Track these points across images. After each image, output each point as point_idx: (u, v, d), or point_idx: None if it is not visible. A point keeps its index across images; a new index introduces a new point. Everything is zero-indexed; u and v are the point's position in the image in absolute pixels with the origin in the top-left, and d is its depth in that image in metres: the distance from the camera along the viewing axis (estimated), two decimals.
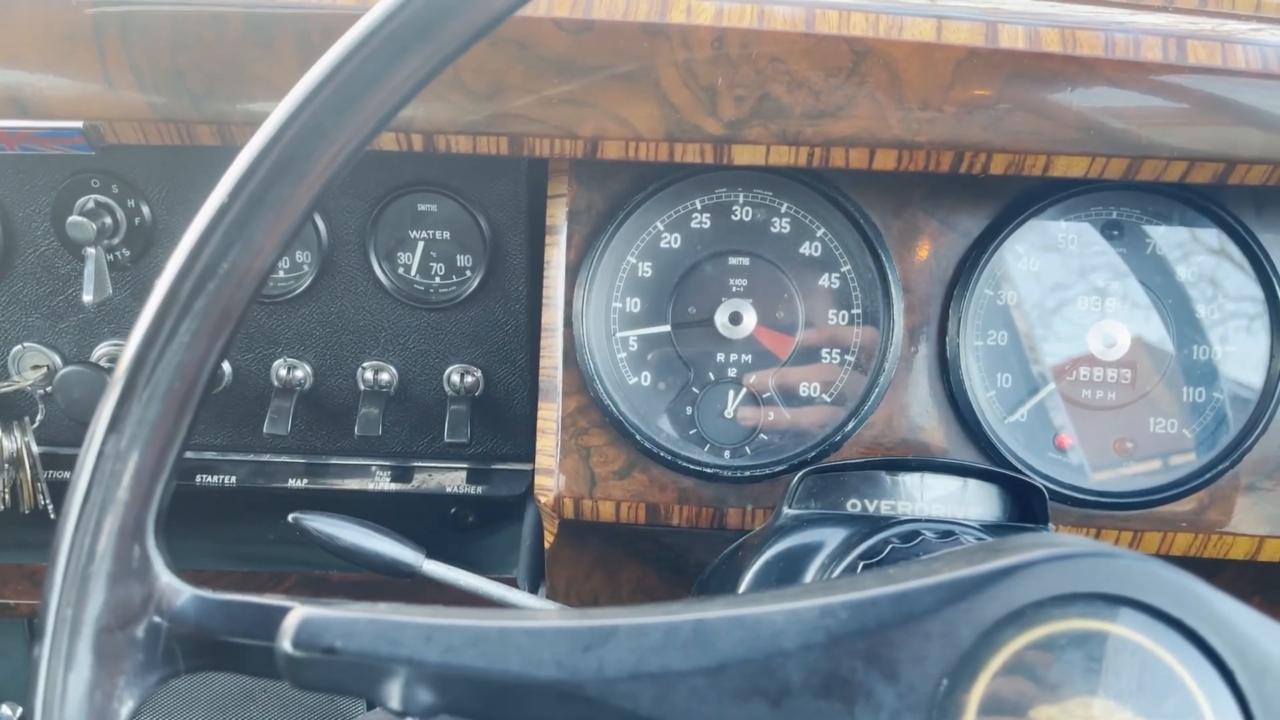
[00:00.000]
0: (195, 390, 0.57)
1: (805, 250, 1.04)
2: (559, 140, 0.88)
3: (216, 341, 0.57)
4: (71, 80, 0.88)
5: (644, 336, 1.05)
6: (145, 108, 0.88)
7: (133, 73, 0.87)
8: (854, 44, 0.84)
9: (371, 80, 0.57)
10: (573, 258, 1.04)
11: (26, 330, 1.14)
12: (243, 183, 0.57)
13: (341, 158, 0.58)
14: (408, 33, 0.57)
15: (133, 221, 1.12)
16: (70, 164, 1.09)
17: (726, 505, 1.03)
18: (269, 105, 0.88)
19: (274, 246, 0.58)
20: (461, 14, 0.57)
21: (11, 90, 0.88)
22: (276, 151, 0.57)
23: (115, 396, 0.55)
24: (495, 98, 0.87)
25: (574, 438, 1.04)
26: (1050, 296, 1.03)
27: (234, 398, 1.19)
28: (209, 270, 0.56)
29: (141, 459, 0.55)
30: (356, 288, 1.14)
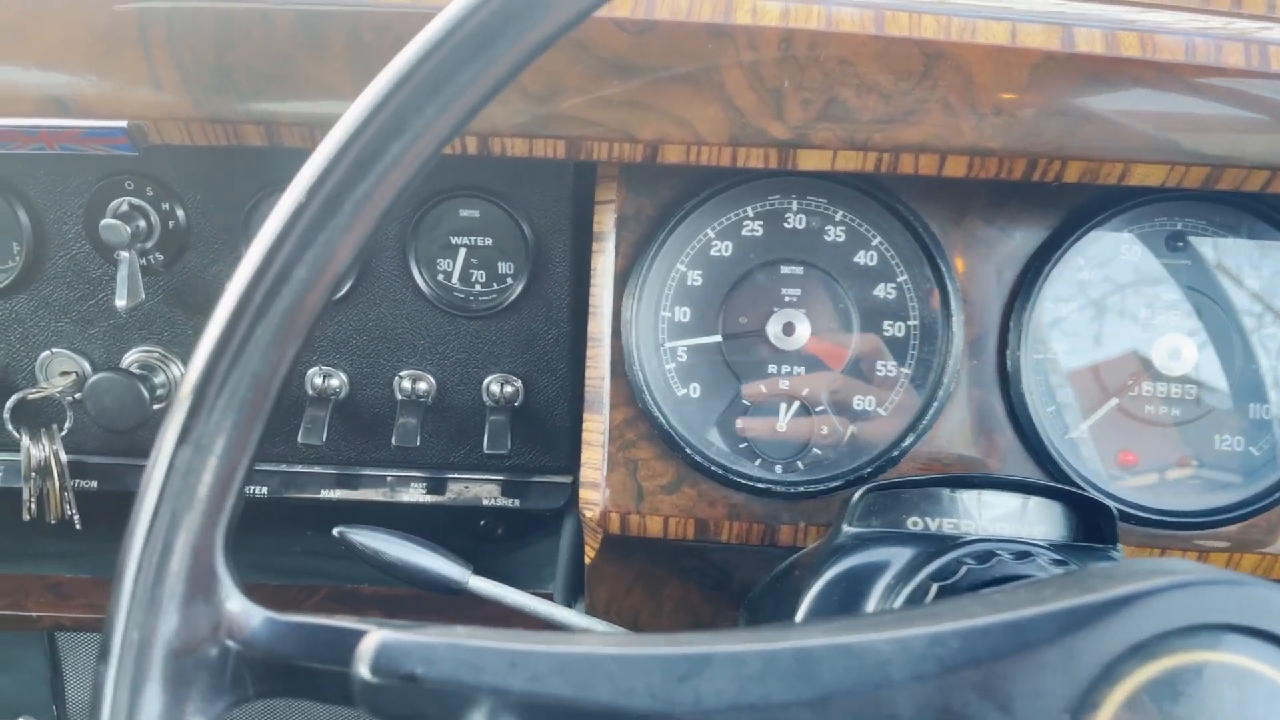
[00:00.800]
0: (267, 400, 0.54)
1: (860, 259, 1.01)
2: (618, 144, 0.85)
3: (290, 349, 0.54)
4: (115, 78, 0.85)
5: (693, 347, 1.02)
6: (191, 107, 0.85)
7: (178, 71, 0.85)
8: (925, 47, 0.82)
9: (454, 76, 0.54)
10: (621, 265, 1.01)
11: (55, 335, 1.10)
12: (319, 183, 0.54)
13: (421, 159, 0.55)
14: (492, 27, 0.54)
15: (167, 225, 1.09)
16: (104, 165, 1.06)
17: (779, 522, 1.00)
18: (319, 105, 0.85)
19: (350, 250, 0.55)
20: (550, 6, 0.54)
21: (53, 89, 0.85)
22: (355, 150, 0.54)
23: (186, 406, 0.52)
24: (553, 99, 0.84)
25: (621, 450, 1.01)
26: (1112, 309, 1.01)
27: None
28: (284, 275, 0.53)
29: (212, 473, 0.52)
30: (395, 295, 1.11)
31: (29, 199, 1.04)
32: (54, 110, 0.86)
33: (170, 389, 1.13)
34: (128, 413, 1.08)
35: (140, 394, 1.08)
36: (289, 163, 1.08)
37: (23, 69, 0.85)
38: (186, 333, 1.12)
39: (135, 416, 1.08)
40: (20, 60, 0.85)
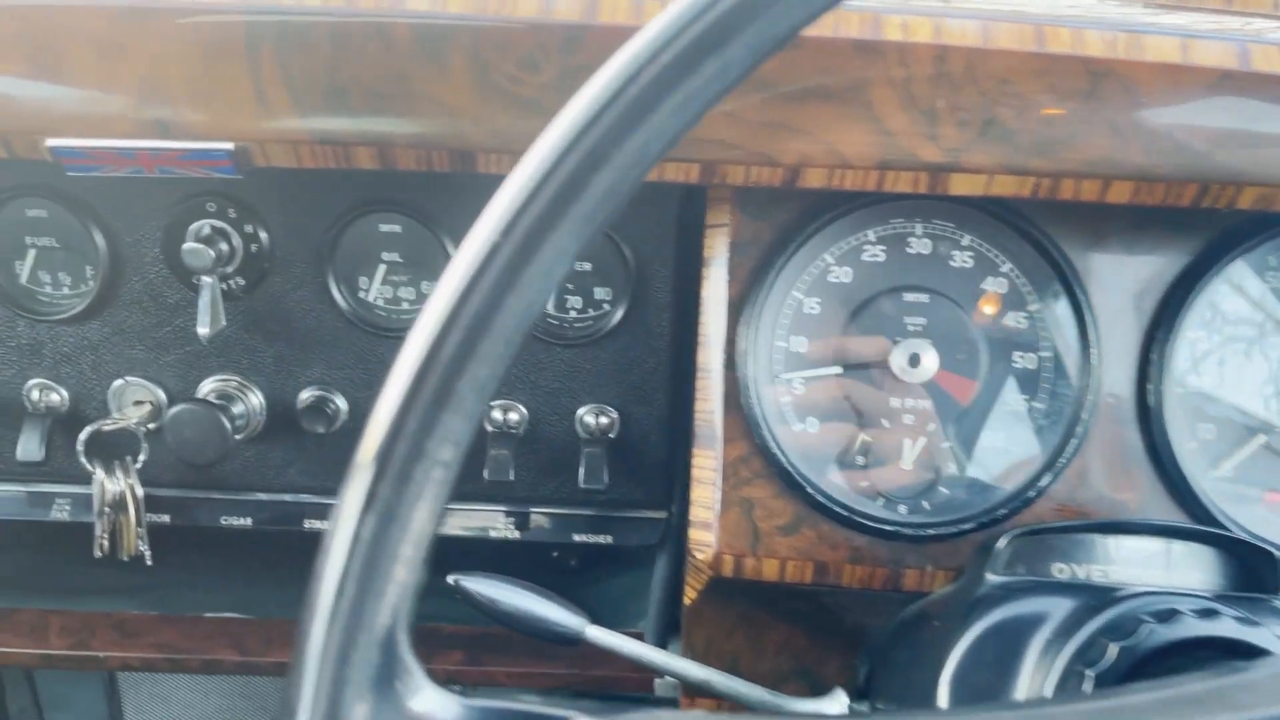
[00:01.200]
0: (458, 459, 0.49)
1: (989, 286, 0.96)
2: (756, 168, 0.80)
3: (481, 402, 0.49)
4: (220, 97, 0.79)
5: (811, 379, 0.97)
6: (301, 128, 0.80)
7: (288, 89, 0.79)
8: (1090, 65, 0.76)
9: (659, 100, 0.49)
10: (735, 292, 0.96)
11: (129, 363, 1.05)
12: (515, 220, 0.48)
13: (623, 190, 0.50)
14: (702, 45, 0.49)
15: (249, 248, 1.04)
16: (185, 185, 1.01)
17: (904, 566, 0.94)
18: (437, 125, 0.80)
19: (546, 292, 0.49)
20: (768, 16, 0.49)
21: (153, 108, 0.80)
22: (554, 184, 0.48)
23: (371, 469, 0.46)
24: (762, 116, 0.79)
25: (735, 489, 0.96)
26: (1257, 340, 0.95)
27: (350, 439, 1.10)
28: (480, 322, 0.48)
29: (400, 543, 0.46)
30: None
31: (105, 221, 1.00)
32: (153, 131, 0.80)
33: (250, 419, 1.08)
34: (210, 445, 1.02)
35: (223, 426, 1.02)
36: (380, 183, 1.04)
37: (121, 87, 0.80)
38: (266, 360, 1.07)
39: (218, 449, 1.02)
40: (119, 78, 0.80)
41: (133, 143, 0.81)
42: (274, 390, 1.05)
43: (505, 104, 0.80)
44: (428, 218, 1.02)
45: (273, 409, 1.05)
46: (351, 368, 1.07)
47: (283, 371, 1.04)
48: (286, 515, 1.13)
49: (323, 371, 1.05)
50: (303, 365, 1.04)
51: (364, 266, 1.01)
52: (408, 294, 1.06)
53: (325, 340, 1.03)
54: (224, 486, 1.12)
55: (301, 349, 1.04)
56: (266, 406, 1.06)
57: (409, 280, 1.05)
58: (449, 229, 1.01)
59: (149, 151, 0.80)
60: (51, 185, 1.01)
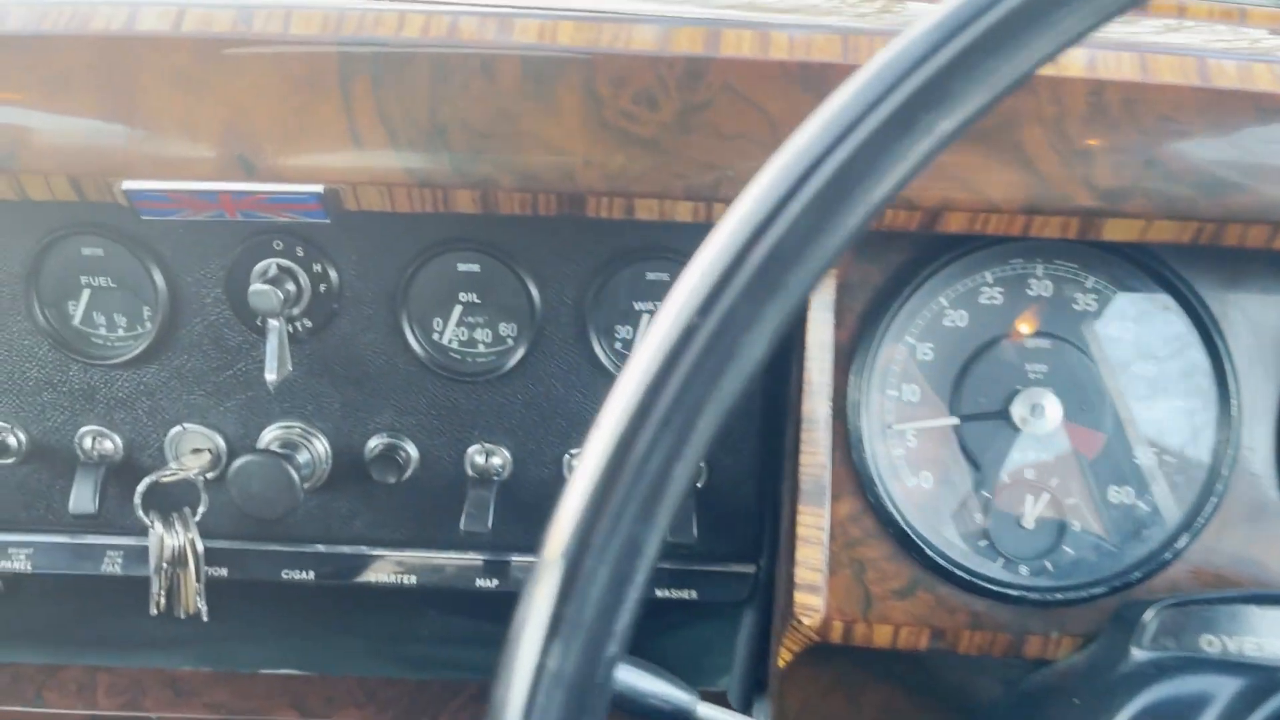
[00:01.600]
0: (642, 576, 0.42)
1: (1116, 332, 0.89)
2: (891, 211, 0.73)
3: (671, 505, 0.43)
4: (310, 136, 0.73)
5: (925, 431, 0.90)
6: (398, 170, 0.74)
7: (384, 128, 0.73)
8: (1260, 101, 0.70)
9: (882, 153, 0.43)
10: (844, 338, 0.90)
11: (187, 409, 0.99)
12: (713, 296, 0.42)
13: (834, 251, 0.44)
14: (935, 91, 0.43)
15: (317, 289, 0.97)
16: (253, 224, 0.95)
17: (1028, 632, 0.88)
18: (543, 166, 0.74)
19: (747, 378, 0.43)
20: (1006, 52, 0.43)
21: (237, 147, 0.74)
22: (762, 251, 0.42)
23: (556, 587, 0.40)
24: None
25: (845, 549, 0.89)
26: None
27: (420, 488, 1.04)
28: (669, 420, 0.41)
29: (585, 675, 0.40)
30: (568, 366, 0.99)
31: (166, 260, 0.94)
32: (237, 172, 0.74)
33: (315, 468, 1.02)
34: (279, 500, 0.96)
35: (291, 479, 0.96)
36: (459, 219, 0.97)
37: (202, 125, 0.74)
38: (333, 406, 1.01)
39: (286, 503, 0.96)
40: (199, 114, 0.74)
41: (214, 185, 0.75)
42: (341, 437, 0.99)
43: (620, 143, 0.74)
44: (510, 257, 0.96)
45: (339, 457, 0.99)
46: (424, 414, 1.00)
47: (350, 418, 0.98)
48: (351, 569, 1.07)
49: (393, 418, 0.99)
50: (372, 411, 0.98)
51: (438, 307, 0.95)
52: (484, 336, 1.00)
53: (396, 385, 0.97)
54: (285, 538, 1.06)
55: (371, 394, 0.98)
56: (332, 454, 1.00)
57: (485, 322, 0.99)
58: (532, 269, 0.95)
59: (232, 195, 0.74)
60: (109, 223, 0.95)
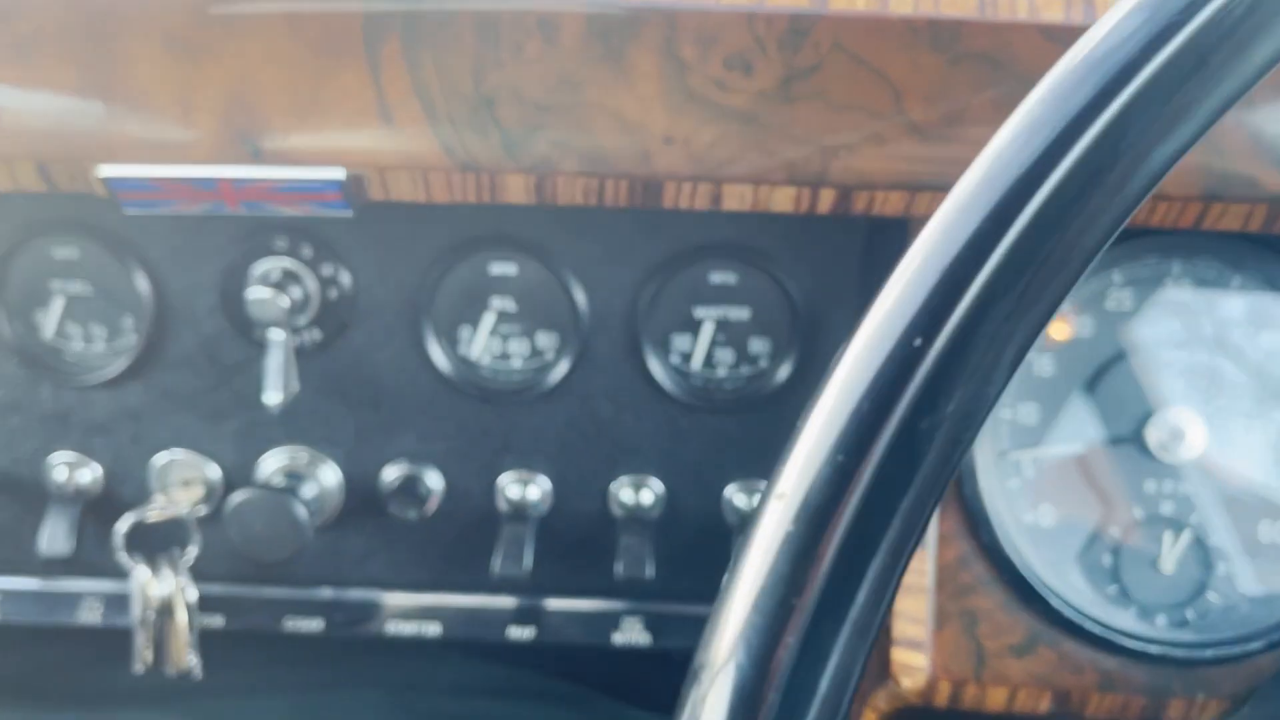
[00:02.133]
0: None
1: (1270, 342, 0.77)
2: None
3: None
4: (330, 112, 0.60)
5: (1045, 459, 0.77)
6: (437, 151, 0.60)
7: (419, 99, 0.60)
8: None
9: (1167, 104, 0.31)
10: None
11: (176, 434, 0.88)
12: (945, 308, 0.30)
13: (1104, 237, 0.32)
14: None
15: (327, 294, 0.84)
16: (252, 219, 0.81)
17: (1169, 695, 0.75)
18: (614, 144, 0.60)
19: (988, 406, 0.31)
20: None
21: (240, 125, 0.60)
22: (1015, 242, 0.30)
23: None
24: (950, 135, 0.59)
25: (954, 599, 0.76)
26: None
27: (445, 525, 0.91)
28: (889, 479, 0.29)
29: None
30: (616, 383, 0.86)
31: (151, 261, 0.83)
32: (240, 155, 0.61)
33: (325, 502, 0.88)
34: (282, 540, 0.83)
35: (297, 517, 0.83)
36: (492, 214, 0.84)
37: (199, 100, 0.60)
38: (344, 430, 0.87)
39: (292, 544, 0.83)
40: (195, 87, 0.60)
41: (213, 171, 0.61)
42: (354, 466, 0.88)
43: (708, 117, 0.60)
44: (551, 257, 0.82)
45: (352, 489, 0.89)
46: (449, 439, 0.87)
47: (365, 444, 0.87)
48: (365, 616, 0.93)
49: (414, 444, 0.86)
50: (389, 436, 0.87)
51: (467, 316, 0.85)
52: (520, 348, 0.86)
53: (418, 406, 0.86)
54: (290, 582, 0.92)
55: (388, 416, 0.87)
56: (345, 486, 0.88)
57: (521, 332, 0.86)
58: (577, 270, 0.82)
59: (233, 183, 0.60)
60: (85, 219, 0.81)
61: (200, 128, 0.62)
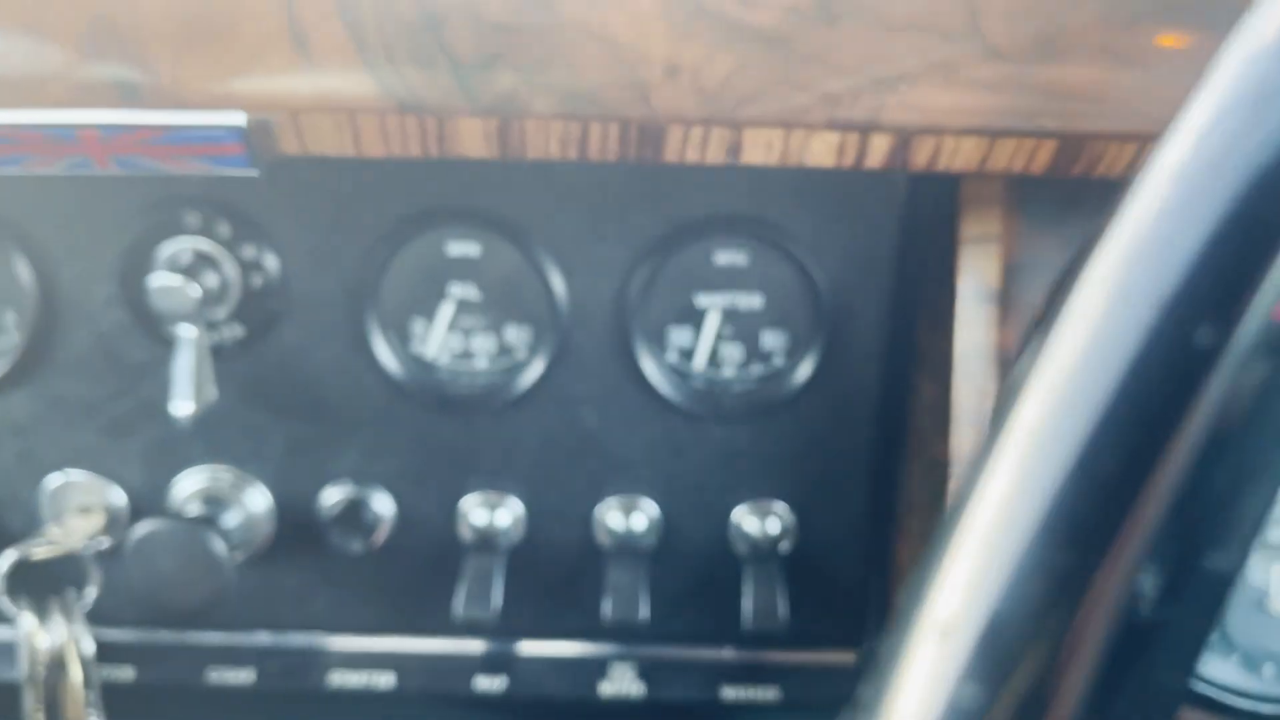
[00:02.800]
0: None
1: None
2: (1099, 142, 0.46)
3: None
4: (226, 40, 0.44)
5: None
6: (368, 88, 0.45)
7: (344, 22, 0.45)
8: None
9: None
10: (1010, 341, 0.63)
11: (71, 452, 0.77)
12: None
13: None
14: None
15: (249, 282, 0.72)
16: (154, 189, 0.67)
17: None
18: (601, 78, 0.45)
19: None
20: None
21: (111, 58, 0.45)
22: None
23: None
24: (1040, 64, 0.45)
25: None
26: None
27: (397, 557, 0.77)
28: None
29: None
30: (604, 387, 0.72)
31: (31, 242, 0.72)
32: (109, 96, 0.45)
33: (252, 532, 0.75)
34: (197, 583, 0.71)
35: (216, 555, 0.69)
36: (449, 180, 0.69)
37: (56, 25, 0.45)
38: (274, 446, 0.75)
39: (209, 588, 0.71)
40: (52, 10, 0.45)
41: (74, 115, 0.46)
42: (286, 489, 0.77)
43: (725, 40, 0.45)
44: (521, 233, 0.69)
45: (285, 516, 0.78)
46: (401, 455, 0.76)
47: (300, 462, 0.77)
48: (305, 665, 0.81)
49: (359, 461, 0.76)
50: (329, 453, 0.76)
51: (421, 306, 0.74)
52: (485, 346, 0.73)
53: (363, 416, 0.75)
54: (214, 625, 0.82)
55: (327, 429, 0.76)
56: (276, 513, 0.78)
57: (487, 325, 0.73)
58: (553, 249, 0.68)
59: (100, 131, 0.45)
60: None
61: (57, 61, 0.47)
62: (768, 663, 0.80)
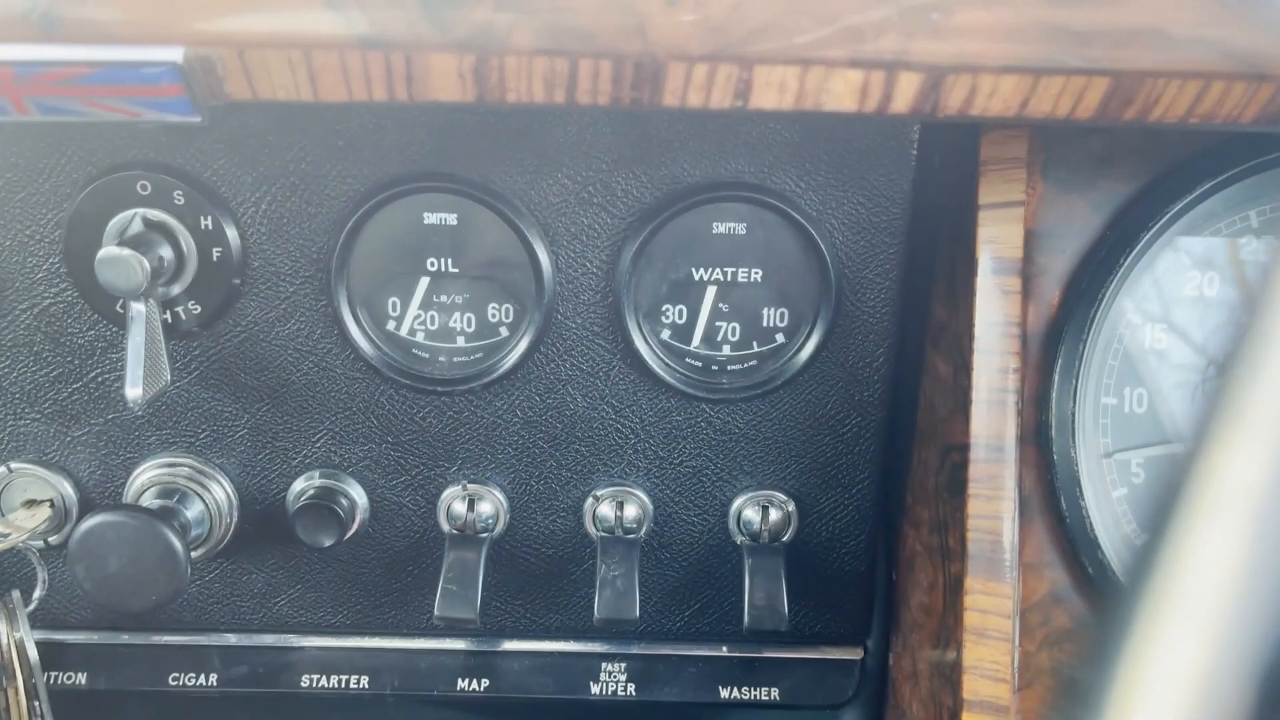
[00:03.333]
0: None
1: None
2: (1226, 84, 0.41)
3: None
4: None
5: (1157, 459, 0.59)
6: (326, 21, 0.40)
7: None
8: None
9: None
10: (1038, 318, 0.58)
11: (16, 441, 0.72)
12: None
13: None
14: None
15: (208, 255, 0.67)
16: (99, 151, 0.64)
17: None
18: (597, 4, 0.40)
19: None
20: None
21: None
22: None
23: None
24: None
25: (1045, 648, 0.59)
26: None
27: (371, 551, 0.71)
28: None
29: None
30: (593, 366, 0.67)
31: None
32: (27, 30, 0.40)
33: (213, 526, 0.70)
34: (152, 581, 0.67)
35: (173, 549, 0.65)
36: (424, 141, 0.63)
37: None
38: (236, 433, 0.70)
39: (165, 588, 0.65)
40: None
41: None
42: (250, 479, 0.73)
43: None
44: (503, 199, 0.63)
45: (249, 509, 0.74)
46: (375, 441, 0.72)
47: (264, 450, 0.73)
48: (272, 668, 0.77)
49: (329, 448, 0.72)
50: (296, 440, 0.72)
51: (395, 280, 0.69)
52: (464, 323, 0.68)
53: (332, 399, 0.71)
54: (174, 626, 0.75)
55: (294, 414, 0.72)
56: (239, 505, 0.73)
57: (466, 302, 0.67)
58: (540, 217, 0.62)
59: (16, 70, 0.39)
60: None
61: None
62: (766, 661, 0.75)
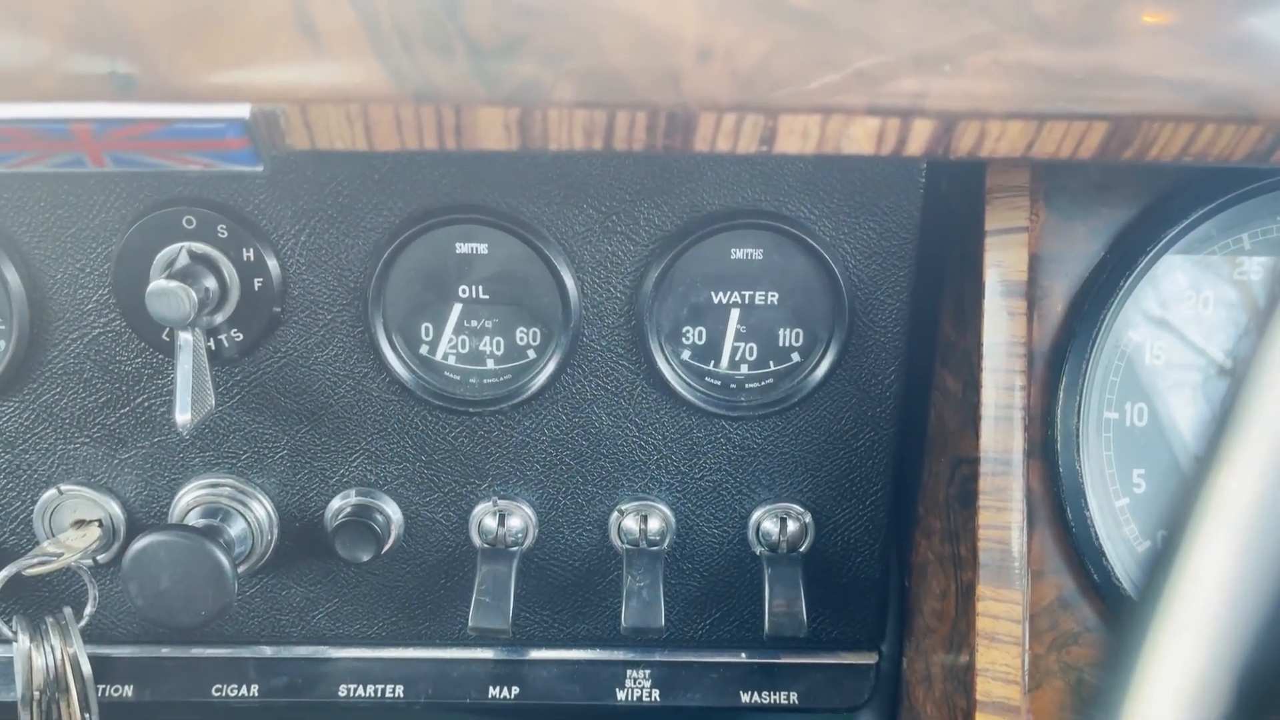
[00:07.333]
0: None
1: None
2: (1216, 128, 0.44)
3: None
4: (229, 24, 0.42)
5: (1161, 470, 0.62)
6: (380, 77, 0.43)
7: (354, 6, 0.42)
8: None
9: None
10: (1039, 335, 0.61)
11: (66, 464, 0.74)
12: None
13: None
14: None
15: (250, 284, 0.69)
16: (147, 189, 0.65)
17: None
18: (632, 58, 0.43)
19: None
20: None
21: (104, 52, 0.42)
22: None
23: None
24: (1093, 42, 0.43)
25: (1053, 650, 0.61)
26: None
27: (405, 566, 0.74)
28: None
29: None
30: (617, 387, 0.70)
31: (19, 245, 0.70)
32: (106, 89, 0.43)
33: (255, 543, 0.73)
34: (200, 597, 0.69)
35: (220, 567, 0.67)
36: (455, 178, 0.67)
37: (46, 13, 0.42)
38: (277, 454, 0.73)
39: (214, 602, 0.68)
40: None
41: (67, 110, 0.43)
42: (290, 498, 0.75)
43: (760, 19, 0.43)
44: (532, 230, 0.66)
45: (289, 526, 0.76)
46: (409, 460, 0.74)
47: (303, 470, 0.75)
48: (310, 679, 0.80)
49: (365, 468, 0.74)
50: (334, 460, 0.74)
51: (428, 307, 0.71)
52: (494, 347, 0.71)
53: (368, 421, 0.73)
54: (217, 640, 0.78)
55: (332, 435, 0.74)
56: (279, 523, 0.76)
57: (497, 327, 0.70)
58: (566, 245, 0.65)
59: (94, 126, 0.43)
60: None
61: (48, 52, 0.44)
62: (785, 667, 0.78)
